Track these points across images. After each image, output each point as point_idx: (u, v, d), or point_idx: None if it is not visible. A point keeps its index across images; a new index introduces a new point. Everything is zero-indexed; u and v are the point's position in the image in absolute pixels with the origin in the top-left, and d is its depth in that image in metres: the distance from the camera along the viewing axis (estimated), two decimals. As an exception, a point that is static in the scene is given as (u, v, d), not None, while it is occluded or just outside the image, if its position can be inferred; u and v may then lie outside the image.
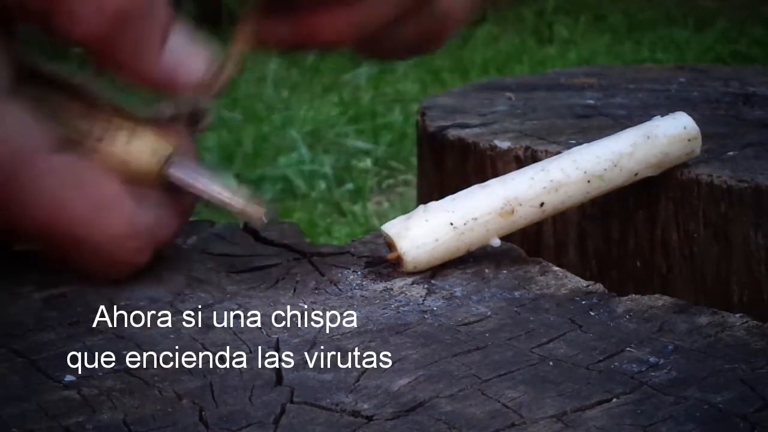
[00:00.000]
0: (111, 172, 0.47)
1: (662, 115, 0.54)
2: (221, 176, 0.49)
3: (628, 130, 0.53)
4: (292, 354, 0.41)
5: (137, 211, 0.47)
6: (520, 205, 0.50)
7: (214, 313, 0.45)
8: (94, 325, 0.44)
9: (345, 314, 0.45)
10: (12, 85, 0.45)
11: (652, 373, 0.39)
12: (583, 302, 0.46)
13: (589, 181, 0.51)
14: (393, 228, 0.50)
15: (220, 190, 0.48)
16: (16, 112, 0.45)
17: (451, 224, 0.49)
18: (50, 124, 0.46)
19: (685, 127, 0.54)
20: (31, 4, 0.44)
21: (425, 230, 0.49)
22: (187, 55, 0.47)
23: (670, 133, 0.53)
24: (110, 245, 0.46)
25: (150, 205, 0.47)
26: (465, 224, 0.49)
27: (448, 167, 0.69)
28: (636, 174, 0.53)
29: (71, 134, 0.48)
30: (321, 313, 0.45)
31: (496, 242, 0.50)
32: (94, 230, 0.46)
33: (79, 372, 0.40)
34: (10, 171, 0.45)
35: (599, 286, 0.48)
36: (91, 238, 0.46)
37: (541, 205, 0.51)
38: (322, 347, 0.42)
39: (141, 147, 0.48)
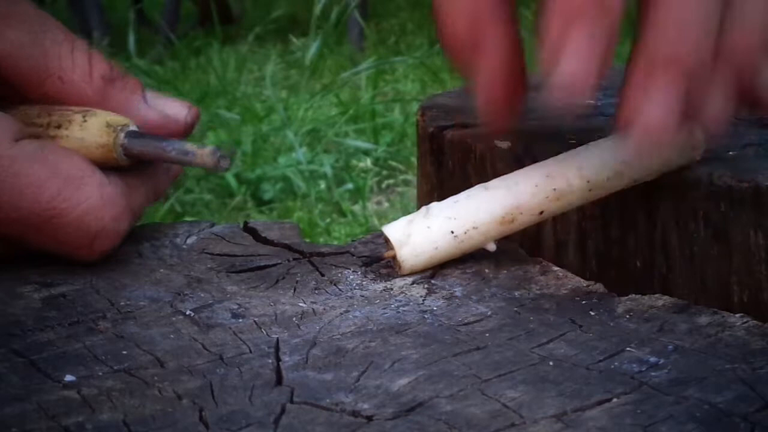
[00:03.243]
0: (73, 151, 0.49)
1: None
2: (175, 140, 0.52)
3: None
4: (292, 354, 0.41)
5: (105, 180, 0.49)
6: (521, 213, 0.50)
7: (214, 313, 0.45)
8: (94, 325, 0.44)
9: (345, 314, 0.45)
10: None
11: (653, 373, 0.39)
12: (583, 302, 0.46)
13: (590, 190, 0.51)
14: (394, 233, 0.50)
15: (177, 148, 0.50)
16: None
17: (452, 232, 0.49)
18: (10, 118, 0.48)
19: (691, 135, 0.54)
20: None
21: (426, 238, 0.49)
22: (167, 104, 0.53)
23: (676, 142, 0.53)
24: (89, 216, 0.48)
25: (117, 175, 0.50)
26: (465, 232, 0.49)
27: (448, 167, 0.69)
28: (636, 180, 0.53)
29: (32, 129, 0.50)
30: (321, 313, 0.45)
31: (492, 247, 0.50)
32: (72, 203, 0.48)
33: (79, 372, 0.40)
34: None
35: (599, 286, 0.48)
36: (71, 211, 0.48)
37: (541, 212, 0.51)
38: (322, 347, 0.42)
39: (96, 123, 0.50)
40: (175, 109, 0.53)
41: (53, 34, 0.51)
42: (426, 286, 0.48)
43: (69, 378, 0.39)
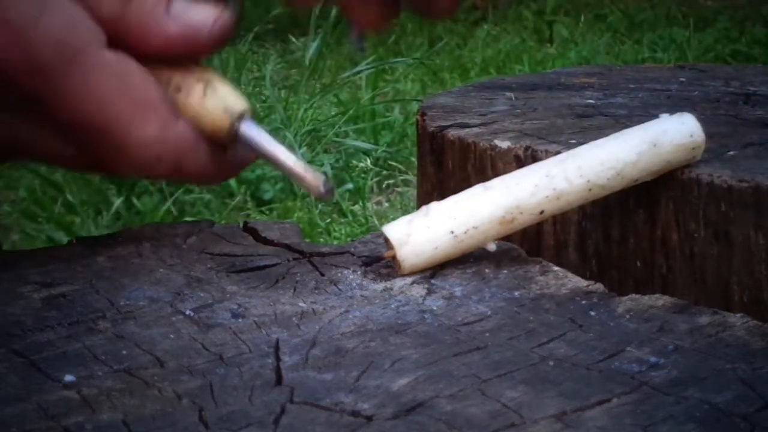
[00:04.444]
0: (151, 76, 0.48)
1: (669, 114, 0.54)
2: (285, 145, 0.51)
3: (634, 131, 0.53)
4: (292, 354, 0.41)
5: (172, 121, 0.48)
6: (521, 213, 0.50)
7: (214, 313, 0.45)
8: (94, 325, 0.44)
9: (345, 314, 0.45)
10: None
11: (653, 373, 0.39)
12: (583, 302, 0.46)
13: (590, 189, 0.51)
14: (394, 233, 0.50)
15: (286, 155, 0.50)
16: (67, 5, 0.46)
17: (452, 232, 0.49)
18: (99, 29, 0.47)
19: (691, 135, 0.54)
20: None
21: (426, 238, 0.49)
22: (192, 14, 0.49)
23: (676, 142, 0.53)
24: (138, 145, 0.48)
25: (186, 123, 0.49)
26: (465, 232, 0.50)
27: (448, 167, 0.69)
28: (636, 180, 0.53)
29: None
30: (321, 313, 0.45)
31: (492, 247, 0.51)
32: (130, 128, 0.47)
33: (79, 372, 0.40)
34: (60, 61, 0.45)
35: (599, 286, 0.48)
36: (124, 134, 0.47)
37: (541, 212, 0.51)
38: (322, 347, 0.42)
39: (215, 102, 0.49)
40: (200, 17, 0.50)
41: None
42: (426, 286, 0.48)
43: (69, 378, 0.39)
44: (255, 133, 0.50)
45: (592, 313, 0.45)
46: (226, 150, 0.51)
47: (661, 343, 0.42)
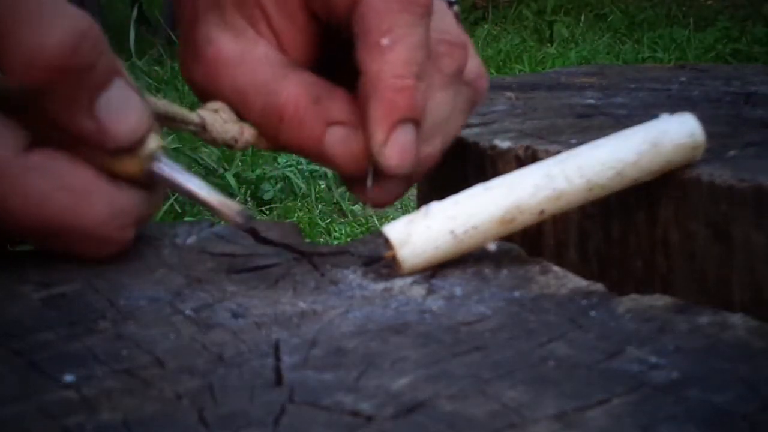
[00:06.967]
0: (83, 163, 0.48)
1: (669, 114, 0.54)
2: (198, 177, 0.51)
3: (634, 131, 0.53)
4: (292, 354, 0.41)
5: (115, 192, 0.48)
6: (521, 213, 0.50)
7: (214, 313, 0.45)
8: (94, 325, 0.44)
9: (345, 314, 0.45)
10: None
11: (653, 373, 0.39)
12: (584, 302, 0.46)
13: (590, 189, 0.51)
14: (395, 233, 0.50)
15: (202, 188, 0.50)
16: None
17: (452, 232, 0.49)
18: (17, 128, 0.46)
19: (692, 135, 0.54)
20: None
21: (426, 238, 0.49)
22: (120, 112, 0.47)
23: (677, 142, 0.53)
24: (96, 229, 0.48)
25: (125, 185, 0.49)
26: (465, 232, 0.50)
27: (448, 167, 0.69)
28: (636, 180, 0.53)
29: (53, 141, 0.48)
30: (321, 313, 0.45)
31: (492, 247, 0.51)
32: (80, 217, 0.47)
33: (79, 372, 0.40)
34: None
35: (600, 286, 0.48)
36: (78, 224, 0.48)
37: (541, 212, 0.51)
38: (322, 347, 0.42)
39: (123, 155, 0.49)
40: (120, 123, 0.47)
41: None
42: (426, 286, 0.48)
43: (69, 378, 0.39)
44: (168, 171, 0.50)
45: (592, 313, 0.45)
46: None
47: (661, 343, 0.42)
